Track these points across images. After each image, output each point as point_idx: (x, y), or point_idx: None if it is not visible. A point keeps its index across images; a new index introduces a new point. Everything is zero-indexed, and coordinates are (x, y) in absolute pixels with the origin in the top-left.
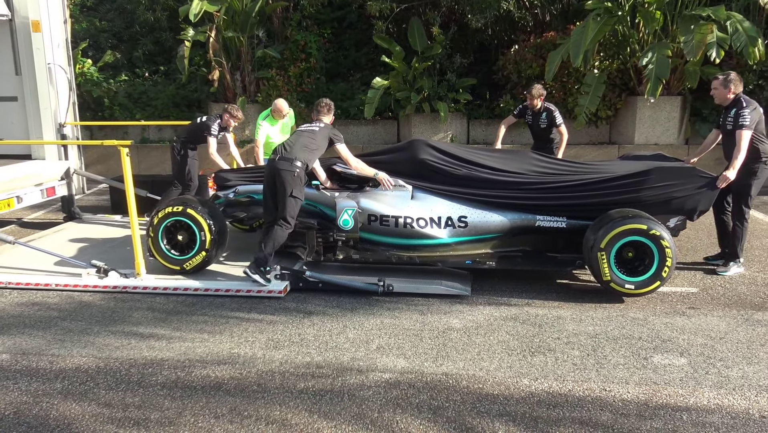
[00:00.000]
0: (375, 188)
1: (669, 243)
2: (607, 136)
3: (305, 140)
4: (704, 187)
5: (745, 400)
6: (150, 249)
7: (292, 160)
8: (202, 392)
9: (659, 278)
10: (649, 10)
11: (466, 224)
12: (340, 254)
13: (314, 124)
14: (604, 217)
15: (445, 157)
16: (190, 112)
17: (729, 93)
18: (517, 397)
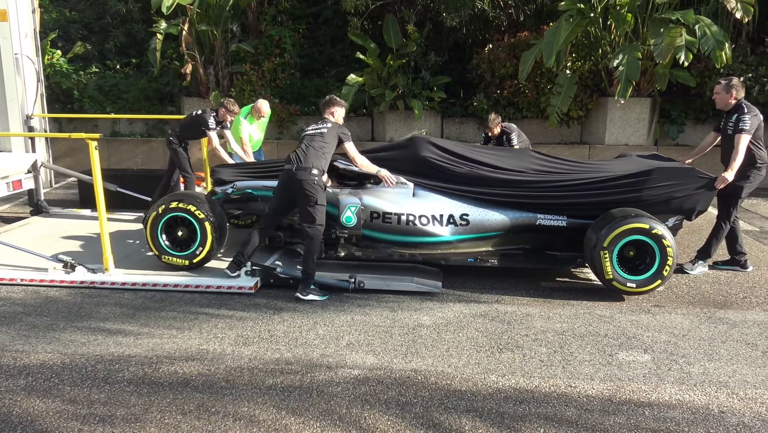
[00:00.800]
0: (376, 185)
1: (670, 242)
2: (579, 136)
3: (317, 144)
4: (703, 188)
5: (705, 395)
6: (149, 245)
7: (309, 169)
8: (170, 389)
9: (660, 276)
10: (620, 13)
11: (468, 222)
12: (341, 251)
13: (322, 126)
14: (606, 216)
15: (447, 154)
16: (162, 105)
17: (731, 98)
18: (484, 393)
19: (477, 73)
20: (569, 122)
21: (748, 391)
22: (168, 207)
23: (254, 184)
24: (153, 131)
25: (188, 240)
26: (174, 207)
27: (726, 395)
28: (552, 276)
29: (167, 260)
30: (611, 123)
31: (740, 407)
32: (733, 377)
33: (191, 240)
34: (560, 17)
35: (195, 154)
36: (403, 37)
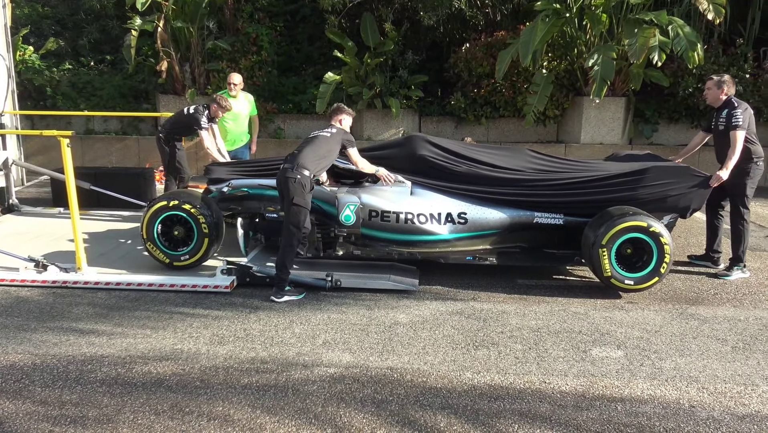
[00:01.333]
0: (374, 184)
1: (667, 240)
2: (555, 135)
3: (316, 147)
4: (698, 186)
5: (677, 390)
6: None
7: (297, 168)
8: (143, 389)
9: (657, 273)
10: (595, 13)
11: (466, 220)
12: (339, 249)
13: (326, 130)
14: (604, 214)
15: (444, 153)
16: (137, 103)
17: (722, 94)
18: (459, 390)
19: (454, 72)
20: (546, 121)
21: (718, 385)
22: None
23: (249, 182)
24: (128, 129)
25: (184, 240)
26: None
27: (696, 390)
28: (528, 274)
29: (151, 248)
30: (587, 122)
31: (710, 401)
32: (704, 372)
33: (186, 240)
34: (536, 17)
35: None
36: (381, 36)
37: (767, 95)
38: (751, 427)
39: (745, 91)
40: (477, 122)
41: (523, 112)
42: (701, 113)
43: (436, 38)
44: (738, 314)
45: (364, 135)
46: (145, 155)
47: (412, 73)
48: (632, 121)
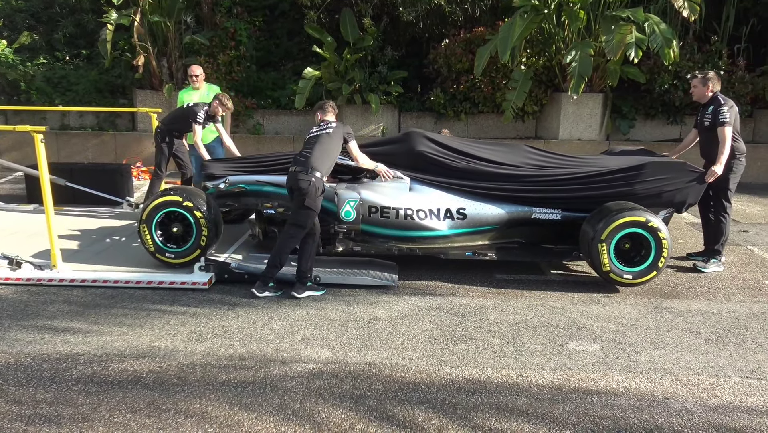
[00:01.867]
0: (372, 180)
1: (665, 235)
2: (534, 131)
3: (324, 146)
4: (693, 182)
5: (651, 382)
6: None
7: (310, 170)
8: (119, 387)
9: (656, 268)
10: (573, 10)
11: (465, 216)
12: (339, 246)
13: (327, 127)
14: (602, 209)
15: (443, 149)
16: (114, 98)
17: (707, 91)
18: (437, 385)
19: (434, 68)
20: (524, 117)
21: (691, 377)
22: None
23: (246, 178)
24: (104, 124)
25: (184, 236)
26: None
27: (670, 382)
28: (506, 269)
29: (143, 231)
30: (565, 118)
31: (683, 393)
32: (678, 365)
33: (186, 237)
34: (515, 13)
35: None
36: (360, 31)
37: (741, 92)
38: (723, 417)
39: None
40: (456, 118)
41: (502, 108)
42: (677, 110)
43: (416, 34)
44: (711, 307)
45: None
46: (122, 151)
47: (391, 69)
48: (609, 117)
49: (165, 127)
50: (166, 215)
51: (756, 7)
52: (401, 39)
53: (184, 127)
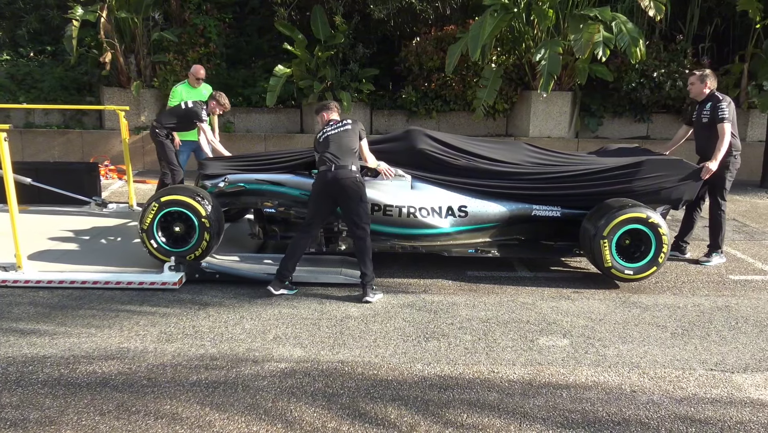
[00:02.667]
0: (374, 178)
1: (665, 231)
2: (504, 129)
3: (348, 142)
4: (690, 178)
5: (619, 376)
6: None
7: (348, 167)
8: (87, 389)
9: (656, 263)
10: (542, 9)
11: (467, 214)
12: (342, 244)
13: (343, 124)
14: (602, 206)
15: (444, 147)
16: (80, 96)
17: (705, 88)
18: (410, 382)
19: (405, 66)
20: (495, 115)
21: (658, 370)
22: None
23: (246, 177)
24: (71, 122)
25: (185, 236)
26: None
27: (638, 375)
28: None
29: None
30: (535, 116)
31: (650, 385)
32: (645, 358)
33: (187, 237)
34: (485, 12)
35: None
36: (331, 29)
37: None
38: (689, 409)
39: (685, 86)
40: (428, 116)
41: (473, 106)
42: (644, 107)
43: (387, 32)
44: (677, 302)
45: (316, 128)
46: (89, 149)
47: (363, 67)
48: (578, 115)
49: (161, 124)
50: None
51: (719, 7)
52: (372, 37)
53: (186, 126)
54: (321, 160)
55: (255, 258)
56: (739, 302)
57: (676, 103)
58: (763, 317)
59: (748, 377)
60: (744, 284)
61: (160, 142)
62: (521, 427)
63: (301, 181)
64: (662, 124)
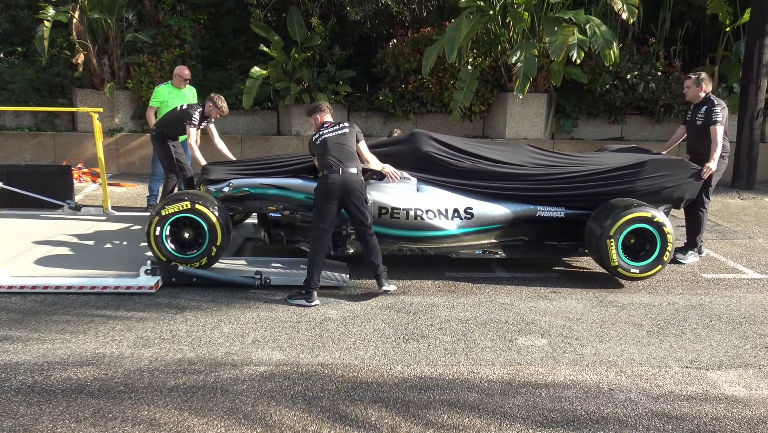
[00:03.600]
0: (380, 181)
1: (670, 230)
2: (481, 130)
3: (348, 146)
4: (692, 178)
5: (597, 375)
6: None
7: (353, 169)
8: (63, 396)
9: (661, 262)
10: (517, 11)
11: (472, 215)
12: (350, 248)
13: (340, 127)
14: (607, 206)
15: (448, 149)
16: (53, 97)
17: (701, 91)
18: (390, 383)
19: (382, 68)
20: (471, 117)
21: (635, 369)
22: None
23: (251, 182)
24: (42, 125)
25: (194, 242)
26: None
27: (615, 374)
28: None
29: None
30: (511, 117)
31: (627, 383)
32: (622, 357)
33: (196, 243)
34: (461, 14)
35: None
36: (308, 30)
37: (678, 92)
38: (665, 406)
39: (657, 88)
40: (405, 117)
41: (450, 108)
42: (618, 109)
43: (364, 33)
44: (653, 300)
45: (293, 130)
46: (62, 152)
47: (339, 69)
48: (554, 117)
49: (159, 129)
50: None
51: (690, 11)
52: (349, 38)
53: (178, 129)
54: (325, 164)
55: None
56: (713, 300)
57: (649, 105)
58: (736, 314)
59: (722, 373)
60: (717, 283)
61: (155, 146)
62: (501, 427)
63: (306, 184)
64: (636, 126)
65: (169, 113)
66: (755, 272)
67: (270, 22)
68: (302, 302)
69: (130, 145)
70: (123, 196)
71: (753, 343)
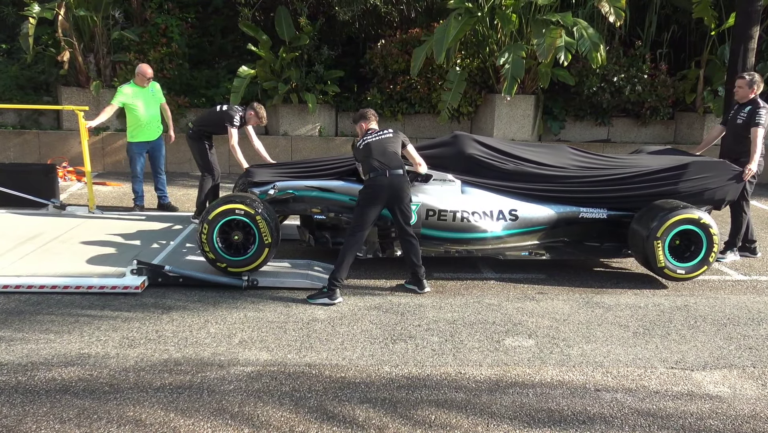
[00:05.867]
0: (424, 183)
1: (716, 231)
2: (469, 131)
3: (392, 148)
4: (733, 180)
5: (583, 375)
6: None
7: (400, 170)
8: (47, 397)
9: (707, 262)
10: (505, 13)
11: (517, 217)
12: (398, 249)
13: (384, 132)
14: (652, 208)
15: (491, 152)
16: (37, 95)
17: (752, 93)
18: (378, 384)
19: (370, 68)
20: (460, 118)
21: (621, 369)
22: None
23: (295, 184)
24: (27, 123)
25: (244, 244)
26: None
27: (601, 374)
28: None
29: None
30: (499, 119)
31: (614, 384)
32: (608, 357)
33: (247, 245)
34: (449, 15)
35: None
36: (296, 30)
37: (663, 95)
38: (651, 406)
39: (643, 90)
40: (393, 118)
41: (438, 109)
42: (604, 111)
43: (352, 34)
44: (639, 301)
45: (280, 130)
46: (47, 151)
47: (328, 68)
48: (541, 118)
49: (197, 128)
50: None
51: (676, 15)
52: (337, 38)
53: (217, 129)
54: (370, 167)
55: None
56: (698, 301)
57: (635, 107)
58: (720, 316)
59: (707, 374)
60: (702, 284)
61: (194, 145)
62: (488, 426)
63: (350, 186)
64: (622, 128)
65: (209, 113)
66: (739, 274)
67: (258, 22)
68: (325, 300)
69: (116, 144)
70: (109, 196)
71: (737, 344)
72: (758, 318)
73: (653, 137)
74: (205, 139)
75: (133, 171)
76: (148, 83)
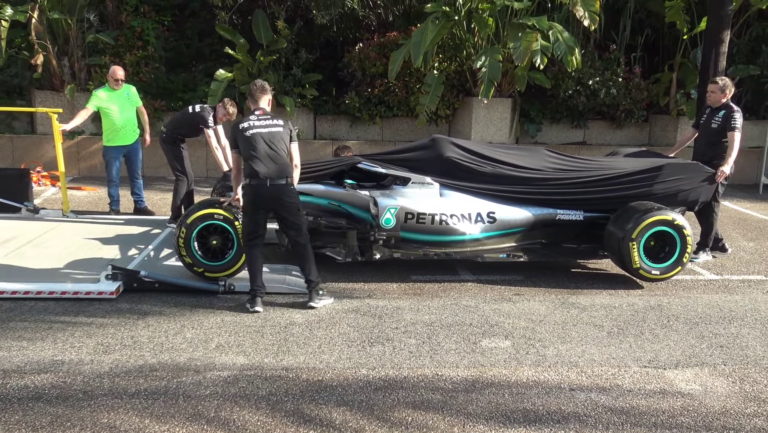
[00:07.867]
0: (403, 186)
1: (689, 232)
2: (447, 134)
3: (281, 148)
4: (706, 181)
5: (558, 375)
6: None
7: (286, 178)
8: (19, 405)
9: (680, 263)
10: (482, 17)
11: (495, 219)
12: (377, 253)
13: (273, 121)
14: (628, 209)
15: (469, 154)
16: (10, 99)
17: (724, 97)
18: (355, 386)
19: (348, 72)
20: (438, 121)
21: (595, 369)
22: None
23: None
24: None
25: (222, 249)
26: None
27: (576, 374)
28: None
29: None
30: (476, 122)
31: (588, 383)
32: (583, 357)
33: (225, 250)
34: (427, 19)
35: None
36: (274, 33)
37: (638, 98)
38: (624, 404)
39: (618, 93)
40: (371, 121)
41: (416, 112)
42: (580, 114)
43: (330, 37)
44: (613, 302)
45: None
46: (20, 155)
47: (306, 72)
48: (518, 121)
49: (170, 131)
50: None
51: (650, 19)
52: (315, 42)
53: (191, 132)
54: (249, 166)
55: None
56: (671, 301)
57: (611, 110)
58: (692, 315)
59: (679, 372)
60: (675, 284)
61: (165, 148)
62: (465, 427)
63: (329, 190)
64: (597, 130)
65: (181, 114)
66: (711, 274)
67: (235, 25)
68: (328, 301)
69: (91, 148)
70: (84, 201)
71: (708, 342)
72: (729, 317)
73: (628, 139)
74: (179, 142)
75: (108, 175)
76: (120, 85)
